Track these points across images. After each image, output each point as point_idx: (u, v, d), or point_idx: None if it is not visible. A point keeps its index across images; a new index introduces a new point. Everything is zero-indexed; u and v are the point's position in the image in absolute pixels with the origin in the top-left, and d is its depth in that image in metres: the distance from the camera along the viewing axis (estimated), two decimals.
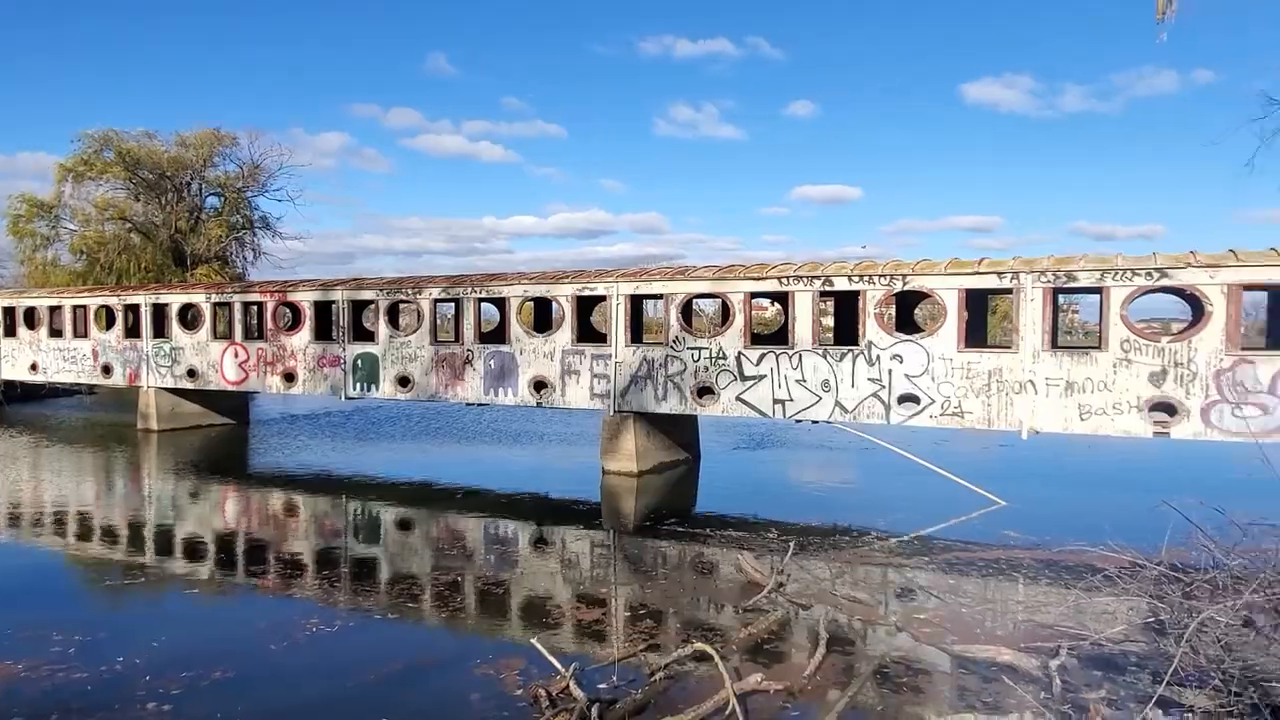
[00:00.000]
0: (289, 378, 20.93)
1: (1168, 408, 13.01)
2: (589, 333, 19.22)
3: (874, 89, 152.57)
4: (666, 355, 16.55)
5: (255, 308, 22.53)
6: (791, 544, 11.38)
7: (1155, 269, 13.10)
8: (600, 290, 17.45)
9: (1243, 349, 12.97)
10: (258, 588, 10.21)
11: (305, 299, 20.85)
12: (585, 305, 18.87)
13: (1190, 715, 5.37)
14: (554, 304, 18.73)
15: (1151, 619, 7.37)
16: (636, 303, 17.88)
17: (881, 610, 9.19)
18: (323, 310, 20.85)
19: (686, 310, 17.28)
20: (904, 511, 13.66)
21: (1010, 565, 10.86)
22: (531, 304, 20.31)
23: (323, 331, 20.77)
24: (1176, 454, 15.98)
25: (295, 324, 21.41)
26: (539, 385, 17.78)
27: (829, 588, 9.79)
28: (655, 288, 17.03)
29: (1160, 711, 5.88)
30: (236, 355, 21.78)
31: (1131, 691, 6.47)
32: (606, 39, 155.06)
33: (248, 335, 22.24)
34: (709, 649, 7.11)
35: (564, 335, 17.61)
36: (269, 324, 21.49)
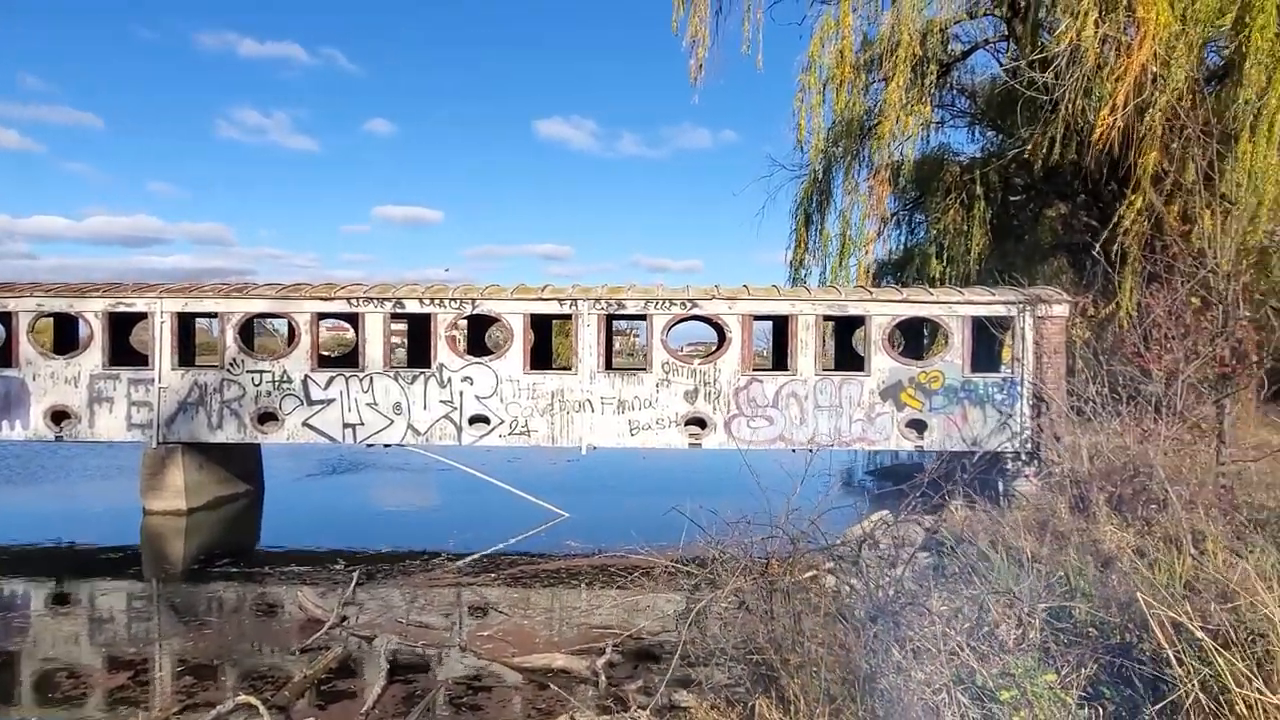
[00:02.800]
0: None
1: (700, 422, 14.95)
2: (129, 355, 16.85)
3: (452, 116, 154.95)
4: (223, 379, 15.14)
5: None
6: (357, 574, 11.08)
7: (688, 299, 15.02)
8: (140, 307, 15.44)
9: (755, 370, 15.42)
10: None
11: None
12: (123, 324, 16.54)
13: (691, 693, 6.24)
14: (80, 321, 16.16)
15: (677, 611, 8.42)
16: (187, 321, 16.14)
17: (450, 632, 9.30)
18: None
19: (247, 330, 16.00)
20: (476, 530, 14.00)
21: (570, 574, 11.66)
22: (51, 320, 17.30)
23: None
24: (707, 461, 18.41)
25: None
26: (58, 416, 15.20)
27: (399, 615, 9.69)
28: (208, 305, 15.51)
29: (685, 691, 6.74)
30: None
31: (664, 677, 7.30)
32: (156, 25, 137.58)
33: None
34: (253, 699, 6.61)
35: (93, 357, 15.26)
36: None
